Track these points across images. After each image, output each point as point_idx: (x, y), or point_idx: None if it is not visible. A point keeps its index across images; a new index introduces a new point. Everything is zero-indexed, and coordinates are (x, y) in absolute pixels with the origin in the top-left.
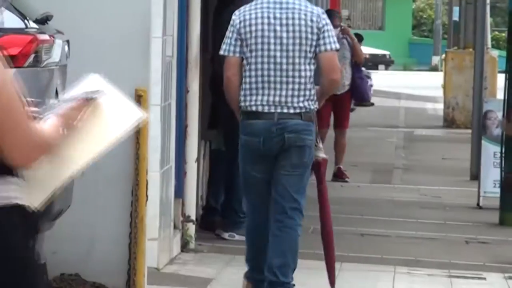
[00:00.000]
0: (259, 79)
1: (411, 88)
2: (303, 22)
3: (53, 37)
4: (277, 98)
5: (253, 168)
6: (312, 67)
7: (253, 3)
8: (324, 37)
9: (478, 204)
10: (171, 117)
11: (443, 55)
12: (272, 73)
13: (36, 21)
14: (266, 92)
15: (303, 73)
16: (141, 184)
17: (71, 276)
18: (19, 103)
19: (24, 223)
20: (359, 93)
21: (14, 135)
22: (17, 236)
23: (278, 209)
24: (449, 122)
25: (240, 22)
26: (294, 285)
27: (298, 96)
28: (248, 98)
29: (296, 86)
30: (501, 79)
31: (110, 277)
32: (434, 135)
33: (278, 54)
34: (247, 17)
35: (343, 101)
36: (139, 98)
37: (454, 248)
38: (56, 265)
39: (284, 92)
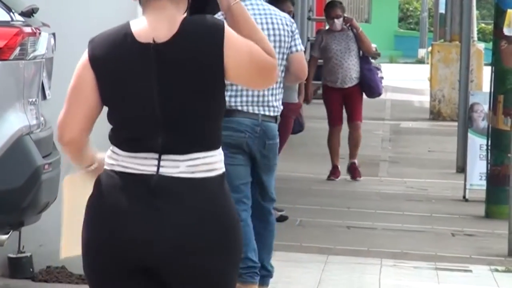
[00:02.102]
0: None
1: (397, 80)
2: (281, 27)
3: (39, 30)
4: (260, 98)
5: (233, 160)
6: (285, 68)
7: None
8: (294, 39)
9: (464, 197)
10: None
11: (429, 48)
12: None
13: (22, 14)
14: (250, 93)
15: (280, 74)
16: None
17: (57, 268)
18: (253, 46)
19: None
20: (368, 86)
21: (260, 75)
22: (230, 200)
23: (261, 210)
24: (435, 114)
25: None
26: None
27: (275, 94)
28: (232, 99)
29: (274, 85)
30: (487, 71)
31: None
32: (420, 128)
33: None
34: None
35: (352, 94)
36: None
37: (440, 240)
38: (42, 258)
39: (265, 92)
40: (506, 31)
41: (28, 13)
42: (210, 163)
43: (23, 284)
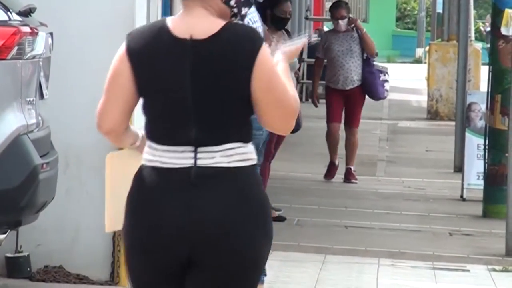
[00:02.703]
0: None
1: (395, 80)
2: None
3: (37, 30)
4: None
5: None
6: None
7: None
8: None
9: (461, 196)
10: None
11: (427, 47)
12: None
13: (19, 13)
14: None
15: None
16: None
17: (55, 268)
18: (279, 80)
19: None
20: (368, 90)
21: (277, 109)
22: (262, 186)
23: None
24: (432, 114)
25: None
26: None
27: None
28: None
29: None
30: (484, 71)
31: (94, 269)
32: (418, 127)
33: None
34: None
35: (352, 97)
36: None
37: (438, 240)
38: (40, 257)
39: None
40: (504, 30)
41: (26, 13)
42: (244, 153)
43: (21, 284)
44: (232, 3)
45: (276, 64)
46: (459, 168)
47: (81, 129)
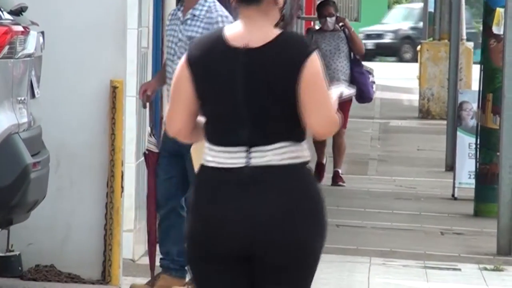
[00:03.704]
0: None
1: (387, 79)
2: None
3: (28, 29)
4: None
5: None
6: None
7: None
8: None
9: (453, 195)
10: (146, 108)
11: (419, 46)
12: None
13: (11, 12)
14: None
15: None
16: (116, 176)
17: (46, 267)
18: (325, 88)
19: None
20: (359, 90)
21: (318, 114)
22: (315, 181)
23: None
24: (424, 113)
25: None
26: None
27: None
28: None
29: None
30: (476, 70)
31: (86, 269)
32: (410, 126)
33: None
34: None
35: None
36: (115, 90)
37: (429, 239)
38: (31, 256)
39: None
40: (495, 29)
41: (17, 12)
42: (295, 151)
43: (12, 283)
44: (288, 15)
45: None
46: (450, 167)
47: (72, 128)
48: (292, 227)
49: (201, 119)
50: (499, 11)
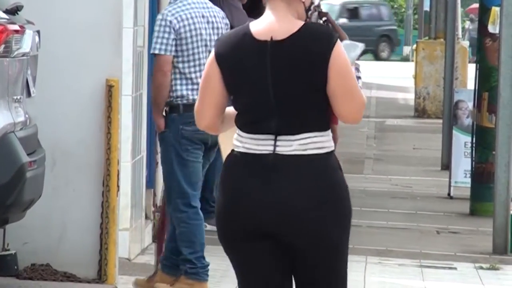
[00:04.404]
0: (200, 74)
1: (382, 78)
2: (220, 20)
3: (24, 28)
4: None
5: (196, 157)
6: None
7: (180, 4)
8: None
9: (449, 194)
10: (142, 107)
11: (414, 45)
12: None
13: (6, 11)
14: None
15: None
16: (112, 174)
17: (42, 266)
18: (353, 74)
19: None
20: None
21: (349, 100)
22: (339, 171)
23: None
24: (420, 112)
25: (178, 22)
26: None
27: None
28: (195, 92)
29: None
30: (471, 69)
31: (81, 267)
32: (405, 125)
33: (212, 49)
34: (184, 17)
35: None
36: (111, 88)
37: (425, 238)
38: (27, 255)
39: None
40: (491, 28)
41: (13, 11)
42: (319, 141)
43: (7, 282)
44: (310, 13)
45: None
46: (446, 166)
47: (68, 127)
48: (309, 214)
49: (230, 110)
50: (495, 10)
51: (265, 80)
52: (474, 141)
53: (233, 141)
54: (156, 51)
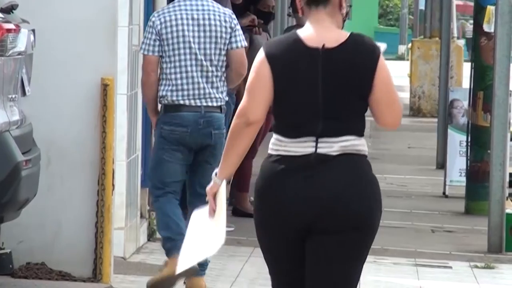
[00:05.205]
0: (184, 75)
1: None
2: (218, 23)
3: (19, 26)
4: (201, 91)
5: (171, 157)
6: (224, 62)
7: (171, 5)
8: (235, 35)
9: (444, 193)
10: (137, 106)
11: (409, 44)
12: (194, 68)
13: (1, 10)
14: (190, 86)
15: (219, 68)
16: (107, 173)
17: (37, 265)
18: (393, 84)
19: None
20: None
21: (393, 108)
22: (372, 172)
23: (200, 197)
24: (415, 111)
25: (160, 23)
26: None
27: (217, 87)
28: (174, 93)
29: (215, 79)
30: (467, 68)
31: (77, 266)
32: (401, 124)
33: (197, 52)
34: (167, 18)
35: None
36: (106, 87)
37: (420, 237)
38: (22, 254)
39: (205, 85)
40: (486, 27)
41: (8, 10)
42: (357, 145)
43: (2, 281)
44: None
45: None
46: (441, 164)
47: (63, 126)
48: (351, 205)
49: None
50: (490, 9)
51: (316, 83)
52: (469, 140)
53: (269, 146)
54: (141, 51)
